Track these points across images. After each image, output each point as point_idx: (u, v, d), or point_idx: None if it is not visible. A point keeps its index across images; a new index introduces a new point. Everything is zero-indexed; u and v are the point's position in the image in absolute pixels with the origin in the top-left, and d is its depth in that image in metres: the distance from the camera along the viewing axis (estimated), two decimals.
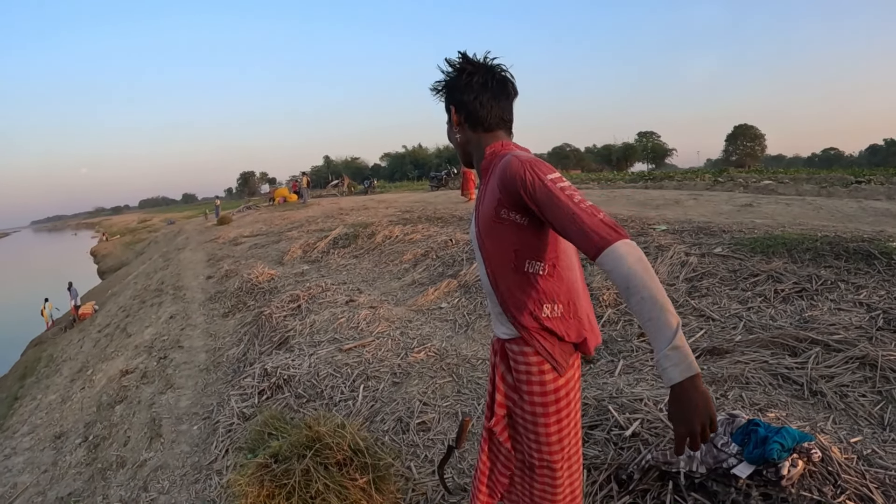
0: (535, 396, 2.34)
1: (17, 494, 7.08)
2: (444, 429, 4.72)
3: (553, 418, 2.35)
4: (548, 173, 2.04)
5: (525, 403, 2.38)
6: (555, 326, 2.26)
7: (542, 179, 2.01)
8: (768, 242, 7.27)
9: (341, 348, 6.51)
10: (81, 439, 7.78)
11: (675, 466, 3.23)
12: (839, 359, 4.55)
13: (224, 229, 28.22)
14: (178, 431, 6.52)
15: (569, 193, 1.96)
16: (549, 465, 2.43)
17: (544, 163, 2.11)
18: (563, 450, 2.42)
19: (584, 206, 1.93)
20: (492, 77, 2.33)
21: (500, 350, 2.47)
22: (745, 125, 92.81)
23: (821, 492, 2.86)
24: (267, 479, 3.54)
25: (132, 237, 65.57)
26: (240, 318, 10.20)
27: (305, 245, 15.56)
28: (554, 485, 2.47)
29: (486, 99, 2.32)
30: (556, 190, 1.98)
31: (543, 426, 2.37)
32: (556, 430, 2.37)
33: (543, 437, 2.38)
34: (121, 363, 10.39)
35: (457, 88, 2.34)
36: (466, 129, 2.37)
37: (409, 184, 58.44)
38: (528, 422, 2.40)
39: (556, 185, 1.98)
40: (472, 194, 20.59)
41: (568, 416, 2.39)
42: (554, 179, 2.01)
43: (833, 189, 17.08)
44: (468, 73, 2.32)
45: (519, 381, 2.38)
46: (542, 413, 2.35)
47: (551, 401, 2.33)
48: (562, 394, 2.34)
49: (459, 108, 2.35)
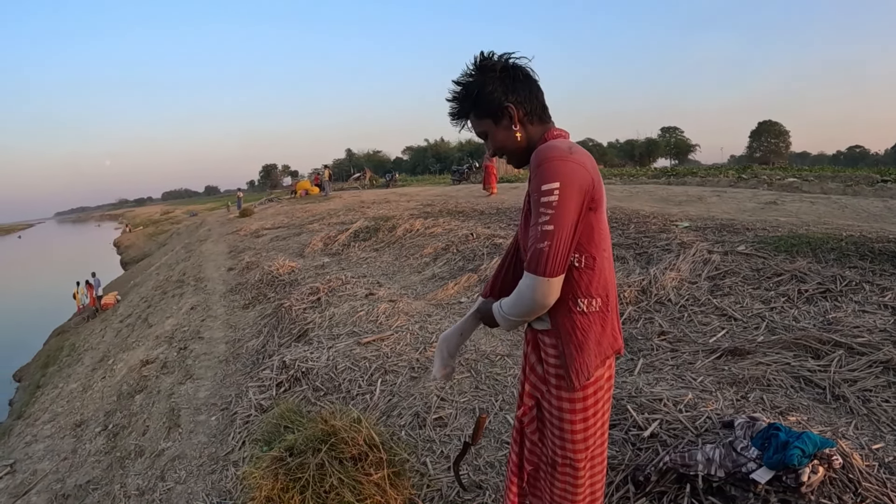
0: (563, 392, 2.30)
1: (37, 481, 7.12)
2: (460, 425, 4.69)
3: (579, 416, 2.31)
4: (548, 181, 2.04)
5: (552, 398, 2.34)
6: (589, 322, 2.22)
7: (539, 184, 2.06)
8: (792, 241, 7.22)
9: (360, 342, 6.50)
10: (101, 428, 7.82)
11: (693, 469, 3.18)
12: (863, 362, 4.50)
13: (246, 221, 28.37)
14: (196, 422, 6.53)
15: (542, 210, 2.04)
16: (571, 463, 2.39)
17: (557, 162, 2.07)
18: (587, 449, 2.38)
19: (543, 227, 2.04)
20: (526, 70, 2.29)
21: (532, 340, 2.43)
22: (770, 121, 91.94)
23: (841, 500, 2.82)
24: (281, 473, 3.52)
25: (155, 229, 65.98)
26: (260, 309, 10.23)
27: (326, 238, 15.59)
28: (575, 484, 2.44)
29: (535, 90, 2.29)
30: (539, 200, 2.05)
31: (569, 423, 2.33)
32: (582, 427, 2.33)
33: (568, 434, 2.34)
34: (141, 353, 10.44)
35: (507, 89, 2.24)
36: (527, 125, 2.29)
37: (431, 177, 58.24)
38: (553, 416, 2.36)
39: (542, 196, 2.05)
40: (493, 188, 20.54)
41: (595, 416, 2.35)
42: (545, 190, 2.04)
43: (858, 188, 16.88)
44: (511, 69, 2.26)
45: (548, 374, 2.34)
46: (568, 409, 2.31)
47: (578, 398, 2.29)
48: (589, 391, 2.29)
49: (518, 105, 2.25)
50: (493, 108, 2.25)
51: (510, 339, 6.34)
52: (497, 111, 2.25)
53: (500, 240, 10.42)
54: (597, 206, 2.14)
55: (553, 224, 2.02)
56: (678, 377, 4.76)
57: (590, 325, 2.22)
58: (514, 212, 14.16)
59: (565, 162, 2.05)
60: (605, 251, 2.22)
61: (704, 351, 5.24)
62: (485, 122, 2.29)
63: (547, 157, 2.07)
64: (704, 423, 3.58)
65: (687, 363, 5.09)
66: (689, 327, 5.84)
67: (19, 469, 7.85)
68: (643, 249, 8.19)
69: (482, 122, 2.30)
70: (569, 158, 2.06)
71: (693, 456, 3.21)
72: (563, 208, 2.02)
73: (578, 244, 2.14)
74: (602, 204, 2.17)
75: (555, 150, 2.09)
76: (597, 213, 2.15)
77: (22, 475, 7.58)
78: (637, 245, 8.39)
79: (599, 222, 2.17)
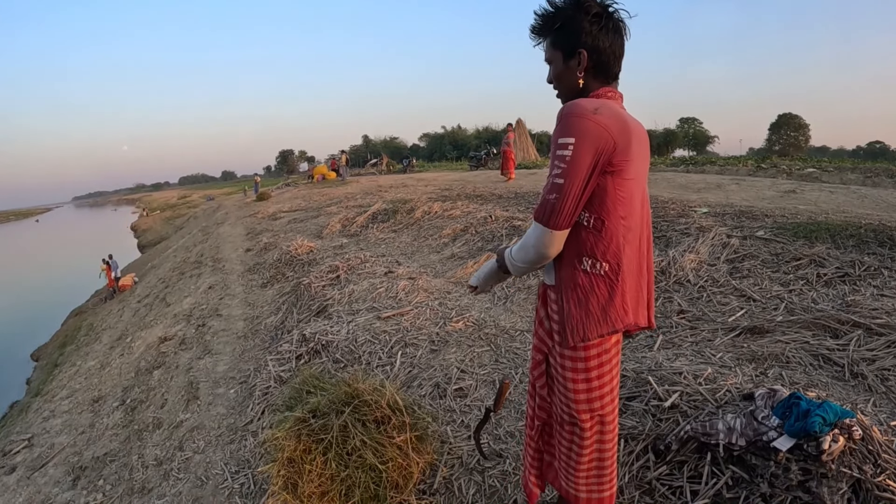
0: (565, 349, 2.31)
1: (55, 454, 7.19)
2: (480, 395, 4.72)
3: (581, 375, 2.33)
4: (564, 135, 2.07)
5: (556, 354, 2.37)
6: (591, 282, 2.21)
7: (557, 136, 2.10)
8: (811, 228, 7.20)
9: (380, 316, 6.52)
10: (119, 402, 7.88)
11: (713, 438, 3.17)
12: (881, 343, 4.49)
13: (263, 205, 28.39)
14: (214, 394, 6.57)
15: (556, 163, 2.09)
16: (576, 422, 2.41)
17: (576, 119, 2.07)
18: (591, 410, 2.39)
19: (555, 180, 2.09)
20: (619, 25, 2.25)
21: (543, 295, 2.47)
22: (790, 114, 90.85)
23: (861, 469, 2.80)
24: (304, 434, 3.53)
25: (172, 213, 66.16)
26: (278, 288, 10.25)
27: (344, 220, 15.62)
28: (580, 444, 2.45)
29: (616, 46, 2.25)
30: (555, 153, 2.10)
31: (571, 381, 2.35)
32: (585, 388, 2.34)
33: (571, 392, 2.37)
34: (159, 331, 10.50)
35: (589, 34, 2.19)
36: (591, 75, 2.26)
37: (448, 164, 58.13)
38: (558, 373, 2.40)
39: (557, 149, 2.09)
40: (511, 174, 20.46)
41: (600, 378, 2.35)
42: (561, 144, 2.08)
43: (878, 179, 16.69)
44: (604, 17, 2.20)
45: (553, 330, 2.36)
46: (570, 367, 2.33)
47: (580, 357, 2.30)
48: (592, 353, 2.30)
49: (592, 54, 2.21)
50: (569, 45, 2.23)
51: (529, 316, 6.36)
52: (570, 49, 2.23)
53: (519, 222, 10.38)
54: (616, 171, 2.11)
55: (563, 178, 2.06)
56: (697, 353, 4.76)
57: (592, 286, 2.21)
58: (532, 196, 14.10)
59: (584, 119, 2.05)
60: (624, 219, 2.18)
61: (723, 329, 5.23)
62: (556, 52, 2.29)
63: (569, 112, 2.09)
64: (724, 396, 3.56)
65: (706, 340, 5.09)
66: (708, 307, 5.81)
67: (37, 443, 7.94)
68: (662, 233, 8.16)
69: (553, 51, 2.30)
70: (589, 117, 2.06)
71: (714, 425, 3.20)
72: (576, 164, 2.04)
73: (589, 203, 2.14)
74: (629, 170, 2.14)
75: (577, 108, 2.09)
76: (617, 177, 2.12)
77: (39, 449, 7.67)
78: (656, 229, 8.34)
79: (619, 188, 2.14)
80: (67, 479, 6.35)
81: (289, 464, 3.48)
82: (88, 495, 5.79)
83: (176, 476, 5.25)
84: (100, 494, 5.69)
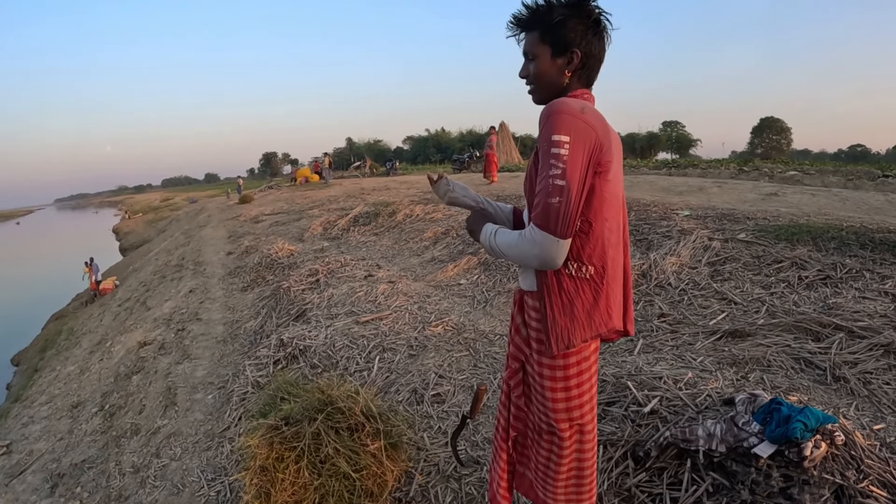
0: (544, 357, 2.26)
1: (33, 461, 7.09)
2: (458, 401, 4.67)
3: (560, 384, 2.27)
4: (558, 132, 1.98)
5: (534, 362, 2.31)
6: (577, 287, 2.14)
7: (549, 133, 2.00)
8: (793, 230, 7.21)
9: (358, 320, 6.47)
10: (98, 408, 7.79)
11: (693, 444, 3.14)
12: (863, 346, 4.49)
13: (246, 207, 28.27)
14: (192, 400, 6.51)
15: (552, 162, 1.98)
16: (554, 431, 2.36)
17: (567, 116, 2.00)
18: (570, 419, 2.33)
19: (554, 181, 1.98)
20: (607, 33, 2.21)
21: (519, 301, 2.39)
22: (772, 118, 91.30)
23: (843, 475, 2.77)
24: (277, 441, 3.46)
25: (154, 215, 65.79)
26: (258, 291, 10.20)
27: (326, 222, 15.59)
28: (559, 454, 2.40)
29: (601, 55, 2.21)
30: (549, 151, 1.99)
31: (550, 389, 2.29)
32: (564, 397, 2.29)
33: (550, 401, 2.31)
34: (139, 335, 10.40)
35: (585, 37, 2.14)
36: (574, 77, 2.20)
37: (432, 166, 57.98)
38: (535, 382, 2.34)
39: (552, 147, 1.98)
40: (493, 177, 20.48)
41: (579, 387, 2.30)
42: (556, 141, 1.98)
43: (860, 182, 16.76)
44: (600, 24, 2.17)
45: (530, 337, 2.31)
46: (548, 376, 2.27)
47: (559, 365, 2.24)
48: (571, 361, 2.24)
49: (583, 56, 2.16)
50: (563, 42, 2.14)
51: (508, 320, 6.26)
52: (563, 47, 2.15)
53: None
54: (603, 172, 2.06)
55: (565, 179, 1.96)
56: (678, 357, 4.74)
57: (577, 291, 2.14)
58: (514, 199, 14.07)
59: (575, 118, 2.00)
60: (608, 221, 2.12)
61: (704, 333, 5.23)
62: (543, 47, 2.18)
63: (558, 109, 2.01)
64: (705, 401, 3.53)
65: (687, 344, 5.08)
66: (689, 310, 5.82)
67: (16, 449, 7.82)
68: (643, 236, 8.14)
69: (540, 46, 2.18)
70: (579, 116, 2.01)
71: (694, 431, 3.17)
72: (573, 163, 1.97)
73: None
74: (611, 171, 2.09)
75: (567, 105, 2.03)
76: (602, 178, 2.07)
77: (18, 455, 7.55)
78: (637, 231, 8.33)
79: (605, 190, 2.08)
80: (46, 487, 6.26)
81: (261, 472, 3.41)
82: (66, 503, 5.71)
83: (152, 484, 5.18)
84: (77, 502, 5.63)
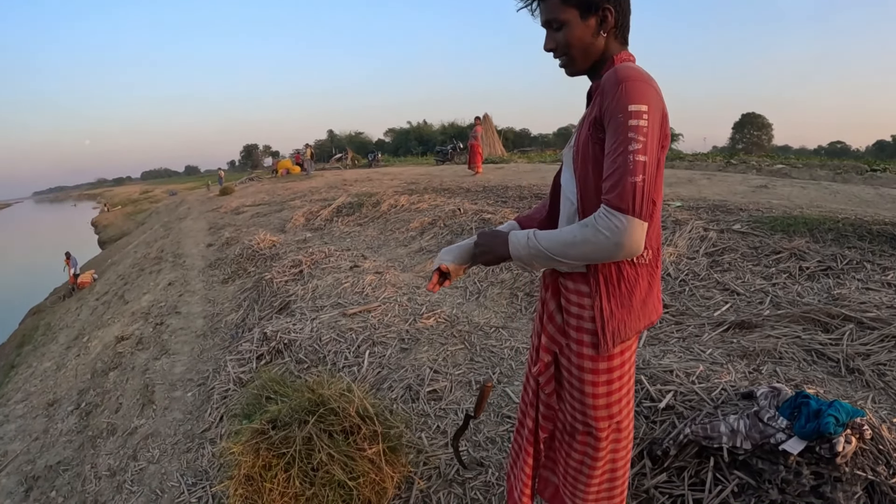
0: (585, 347, 1.96)
1: (7, 462, 6.81)
2: (456, 398, 4.42)
3: (603, 378, 1.99)
4: (636, 102, 1.70)
5: (572, 354, 2.01)
6: (637, 275, 1.90)
7: (625, 103, 1.71)
8: (788, 222, 7.20)
9: (345, 313, 6.20)
10: (74, 406, 7.54)
11: (716, 442, 2.92)
12: (874, 336, 4.37)
13: (226, 199, 28.05)
14: (171, 398, 6.23)
15: (632, 136, 1.69)
16: (592, 431, 2.08)
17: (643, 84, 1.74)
18: (610, 417, 2.05)
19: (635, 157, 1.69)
20: None
21: (553, 284, 2.09)
22: (753, 114, 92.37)
23: (874, 471, 2.60)
24: (263, 448, 3.14)
25: (134, 208, 65.28)
26: (240, 284, 9.95)
27: (308, 213, 15.37)
28: (594, 456, 2.12)
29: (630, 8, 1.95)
30: (627, 122, 1.70)
31: (591, 385, 2.00)
32: (605, 392, 2.00)
33: (589, 398, 2.01)
34: (117, 330, 10.12)
35: None
36: (611, 37, 1.93)
37: (414, 159, 57.86)
38: (573, 376, 2.03)
39: (630, 118, 1.70)
40: (479, 168, 20.39)
41: (621, 380, 2.03)
42: (635, 112, 1.70)
43: (848, 176, 16.79)
44: None
45: (569, 326, 2.00)
46: (590, 369, 1.98)
47: (603, 358, 1.96)
48: (616, 352, 1.97)
49: (617, 12, 1.89)
50: (591, 1, 1.87)
51: (504, 312, 6.14)
52: (592, 5, 1.87)
53: (489, 215, 10.16)
54: (666, 146, 1.81)
55: (646, 154, 1.69)
56: (686, 349, 4.59)
57: (636, 279, 1.90)
58: (501, 189, 14.03)
59: (649, 86, 1.75)
60: (660, 199, 1.87)
61: (710, 324, 5.09)
62: (568, 10, 1.89)
63: (631, 76, 1.74)
64: (721, 395, 3.35)
65: (693, 336, 4.92)
66: (692, 301, 5.69)
67: None
68: None
69: (564, 10, 1.89)
70: (651, 83, 1.76)
71: (716, 428, 2.95)
72: (652, 137, 1.71)
73: None
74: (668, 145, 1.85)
75: (638, 72, 1.77)
76: (663, 153, 1.82)
77: None
78: None
79: (662, 165, 1.84)
80: (20, 490, 5.98)
81: (247, 481, 3.09)
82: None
83: (129, 489, 4.87)
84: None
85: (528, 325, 5.74)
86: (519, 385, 4.44)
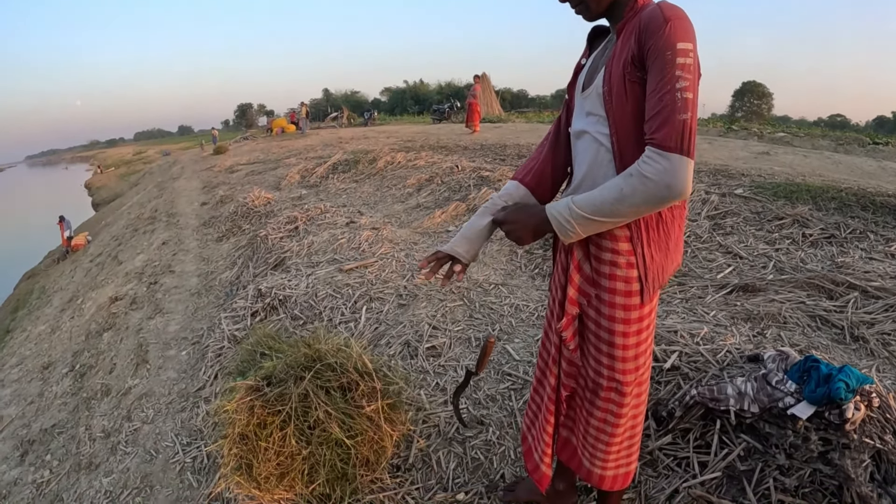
0: (618, 296, 1.87)
1: (3, 427, 6.76)
2: (455, 355, 4.35)
3: (634, 327, 1.90)
4: (683, 40, 1.64)
5: (603, 304, 1.91)
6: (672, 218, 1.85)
7: (673, 41, 1.63)
8: (791, 188, 7.20)
9: (342, 269, 6.12)
10: (68, 369, 7.50)
11: (723, 404, 2.87)
12: (879, 306, 4.36)
13: (220, 158, 27.82)
14: (165, 357, 6.16)
15: (678, 73, 1.62)
16: (618, 387, 1.98)
17: (687, 22, 1.65)
18: (637, 370, 1.97)
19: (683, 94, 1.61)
20: None
21: None
22: (754, 82, 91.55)
23: (882, 439, 2.57)
24: (258, 405, 3.02)
25: (127, 169, 65.00)
26: (234, 241, 9.86)
27: (304, 171, 15.27)
28: (618, 413, 2.03)
29: None
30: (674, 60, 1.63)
31: (621, 336, 1.91)
32: (635, 343, 1.92)
33: (619, 350, 1.92)
34: (111, 290, 10.05)
35: None
36: None
37: (410, 118, 57.47)
38: (602, 328, 1.93)
39: (678, 56, 1.62)
40: (476, 127, 20.26)
41: (649, 329, 1.95)
42: (683, 50, 1.63)
43: (850, 147, 16.72)
44: None
45: (599, 274, 1.90)
46: (621, 319, 1.88)
47: (635, 304, 1.87)
48: (647, 299, 1.89)
49: None
50: None
51: (503, 269, 6.04)
52: None
53: (487, 172, 10.02)
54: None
55: (693, 92, 1.61)
56: (689, 311, 4.55)
57: (672, 221, 1.83)
58: (499, 148, 13.96)
59: (692, 24, 1.67)
60: None
61: (713, 286, 5.05)
62: None
63: (677, 14, 1.65)
64: (726, 357, 3.29)
65: (697, 297, 4.89)
66: (695, 263, 5.67)
67: None
68: None
69: None
70: (690, 21, 1.68)
71: (723, 390, 2.89)
72: (696, 75, 1.64)
73: None
74: None
75: (681, 10, 1.69)
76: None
77: None
78: None
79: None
80: (15, 455, 5.92)
81: (241, 441, 2.98)
82: (36, 472, 5.36)
83: (123, 450, 4.81)
84: (47, 471, 5.27)
85: (528, 282, 5.66)
86: (520, 342, 4.39)
